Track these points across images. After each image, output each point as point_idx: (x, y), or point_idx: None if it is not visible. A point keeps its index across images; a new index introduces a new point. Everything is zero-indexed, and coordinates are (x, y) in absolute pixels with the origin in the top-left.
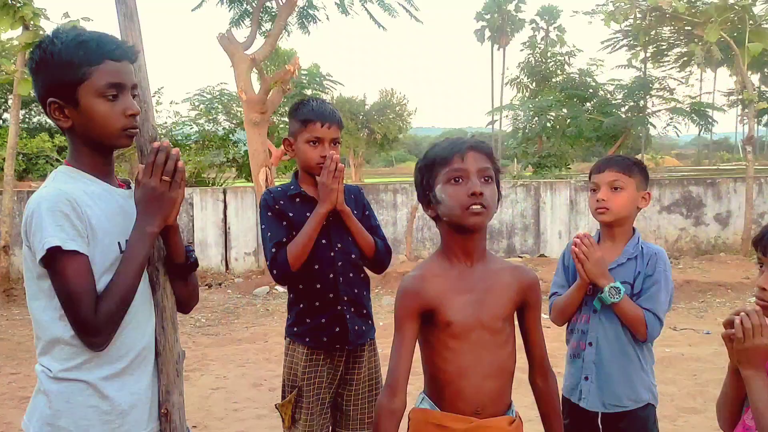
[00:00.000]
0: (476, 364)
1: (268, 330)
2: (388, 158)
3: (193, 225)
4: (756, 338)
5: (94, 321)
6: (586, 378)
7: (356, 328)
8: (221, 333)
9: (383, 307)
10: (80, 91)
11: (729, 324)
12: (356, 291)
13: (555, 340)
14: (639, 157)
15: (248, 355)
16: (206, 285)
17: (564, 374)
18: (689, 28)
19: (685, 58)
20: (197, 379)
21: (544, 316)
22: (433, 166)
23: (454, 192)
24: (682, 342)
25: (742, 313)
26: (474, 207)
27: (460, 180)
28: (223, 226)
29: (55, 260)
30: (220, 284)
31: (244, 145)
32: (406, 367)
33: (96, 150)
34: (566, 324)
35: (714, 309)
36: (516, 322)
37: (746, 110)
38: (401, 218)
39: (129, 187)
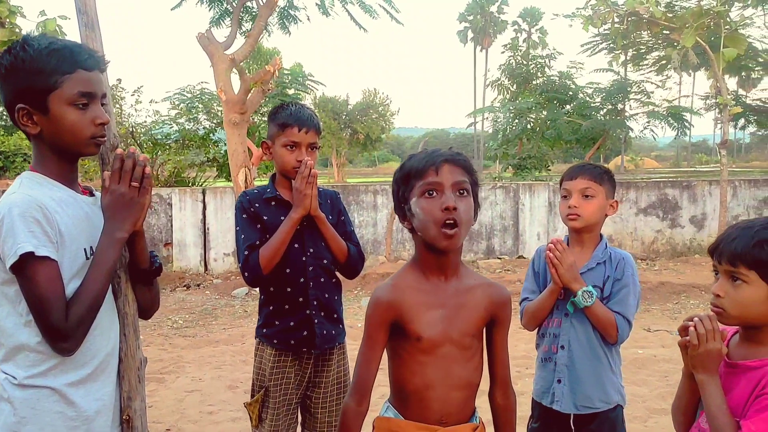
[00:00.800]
0: (443, 377)
1: (245, 331)
2: (371, 158)
3: (171, 225)
4: (709, 343)
5: (64, 326)
6: (559, 381)
7: (324, 332)
8: (198, 334)
9: (362, 309)
10: (51, 99)
11: (684, 330)
12: (327, 296)
13: (530, 342)
14: (619, 158)
15: (225, 357)
16: (185, 286)
17: (534, 378)
18: (667, 32)
19: (663, 62)
20: (172, 382)
21: (521, 328)
22: (409, 179)
23: (427, 206)
24: (656, 343)
25: (696, 319)
26: (447, 223)
27: (434, 193)
28: (202, 226)
29: (26, 266)
30: (198, 285)
31: (225, 144)
32: (374, 373)
33: (62, 157)
34: (537, 329)
35: (688, 310)
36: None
37: (721, 114)
38: (381, 219)
39: (92, 195)
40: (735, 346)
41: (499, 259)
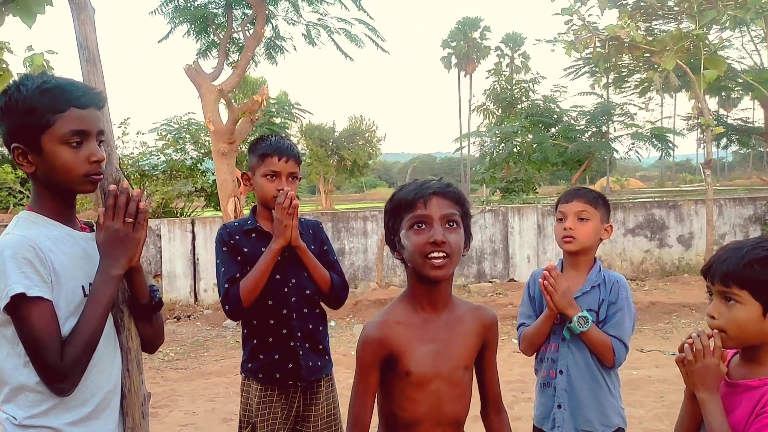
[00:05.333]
0: (432, 413)
1: (238, 362)
2: (358, 184)
3: (160, 256)
4: (706, 358)
5: (60, 366)
6: (559, 406)
7: (310, 364)
8: (190, 367)
9: (355, 336)
10: (44, 138)
11: (683, 349)
12: (311, 326)
13: (525, 365)
14: (604, 179)
15: (218, 389)
16: (175, 317)
17: (534, 404)
18: (648, 55)
19: (645, 85)
20: (165, 416)
21: (516, 351)
22: (398, 211)
23: (416, 239)
24: (649, 364)
25: (693, 335)
26: (434, 254)
27: (423, 226)
28: (191, 257)
29: (19, 307)
30: (189, 316)
31: (213, 174)
32: (370, 411)
33: (58, 195)
34: (535, 354)
35: (679, 330)
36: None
37: (704, 134)
38: (372, 245)
39: (92, 230)
40: (735, 366)
41: (490, 282)
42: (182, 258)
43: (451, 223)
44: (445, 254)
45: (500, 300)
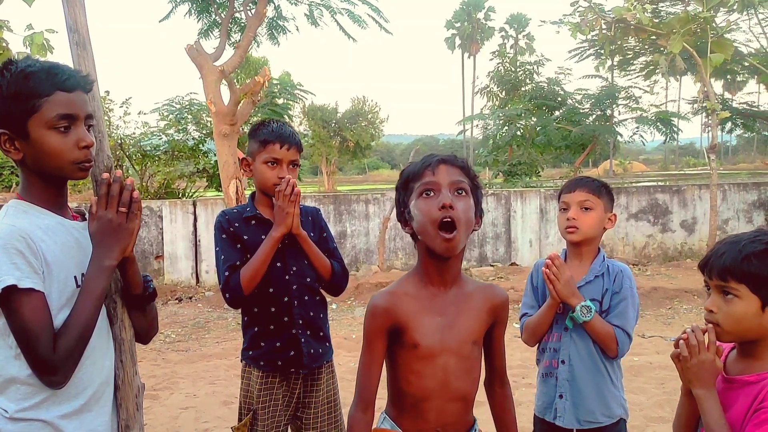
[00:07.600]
0: (440, 388)
1: (239, 345)
2: (361, 166)
3: (162, 238)
4: (701, 354)
5: (52, 359)
6: (561, 396)
7: (311, 351)
8: (191, 349)
9: (356, 319)
10: (30, 124)
11: (678, 345)
12: (312, 314)
13: (526, 351)
14: (607, 163)
15: (219, 371)
16: (176, 299)
17: (536, 394)
18: (654, 38)
19: (651, 68)
20: (166, 399)
21: (517, 336)
22: (408, 183)
23: (425, 206)
24: (650, 350)
25: (688, 330)
26: (444, 222)
27: (432, 193)
28: (193, 238)
29: (10, 299)
30: (190, 298)
31: (215, 155)
32: (376, 381)
33: (48, 182)
34: (537, 344)
35: (681, 316)
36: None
37: (709, 119)
38: (374, 228)
39: (84, 219)
40: (732, 361)
41: (492, 266)
42: (184, 239)
43: (460, 191)
44: (451, 220)
45: (502, 284)
